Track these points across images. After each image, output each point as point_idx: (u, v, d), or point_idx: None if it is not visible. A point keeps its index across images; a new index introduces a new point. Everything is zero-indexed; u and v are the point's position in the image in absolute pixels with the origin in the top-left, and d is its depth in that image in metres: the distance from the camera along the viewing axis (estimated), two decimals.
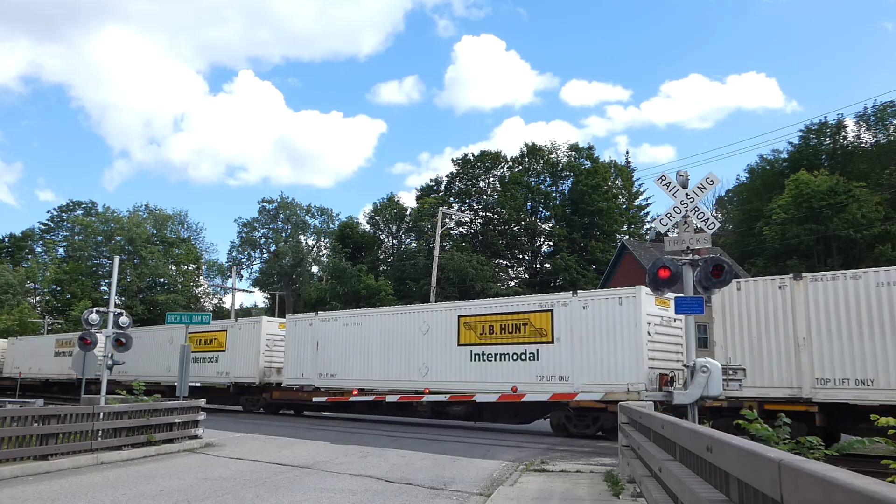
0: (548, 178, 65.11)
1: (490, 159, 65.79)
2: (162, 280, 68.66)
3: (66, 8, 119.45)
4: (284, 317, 27.86)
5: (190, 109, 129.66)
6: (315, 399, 22.94)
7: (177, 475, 10.19)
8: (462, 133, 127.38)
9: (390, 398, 20.61)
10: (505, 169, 65.68)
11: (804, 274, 13.94)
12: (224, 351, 27.79)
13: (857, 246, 44.08)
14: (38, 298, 69.55)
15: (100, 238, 69.18)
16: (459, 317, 19.54)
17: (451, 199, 65.92)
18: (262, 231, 75.57)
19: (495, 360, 18.53)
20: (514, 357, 18.12)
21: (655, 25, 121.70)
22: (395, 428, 19.82)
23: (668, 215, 10.17)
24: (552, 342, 17.45)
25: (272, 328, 26.96)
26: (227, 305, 68.77)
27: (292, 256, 72.53)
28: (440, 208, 45.39)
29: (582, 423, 17.30)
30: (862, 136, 54.31)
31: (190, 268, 73.06)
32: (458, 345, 19.32)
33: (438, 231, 40.19)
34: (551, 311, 17.65)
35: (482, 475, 10.28)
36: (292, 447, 14.08)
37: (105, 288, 64.46)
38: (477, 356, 18.89)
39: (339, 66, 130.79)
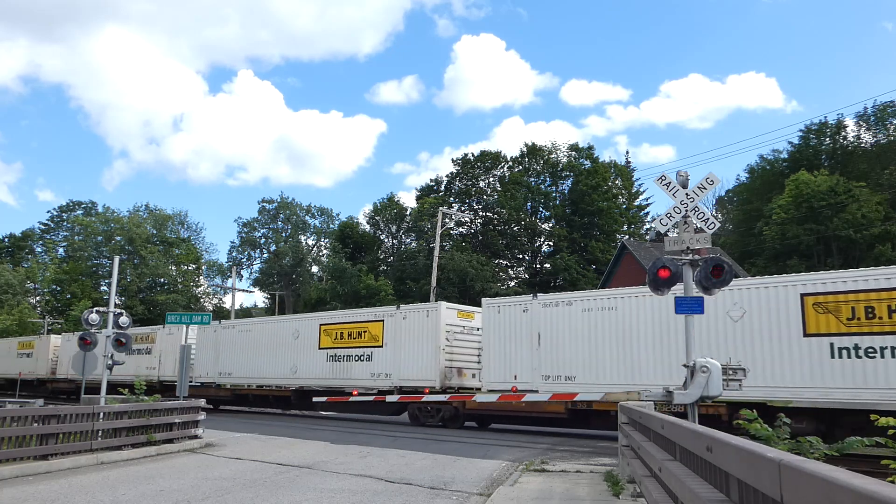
0: (548, 178, 65.13)
1: (490, 159, 65.81)
2: (162, 280, 68.65)
3: (66, 8, 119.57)
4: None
5: (189, 109, 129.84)
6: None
7: (177, 475, 10.19)
8: (462, 133, 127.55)
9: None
10: (505, 169, 65.70)
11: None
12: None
13: (857, 246, 44.09)
14: (38, 298, 69.54)
15: (100, 238, 69.18)
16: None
17: (451, 199, 65.93)
18: (262, 231, 75.67)
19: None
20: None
21: (655, 25, 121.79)
22: (395, 428, 19.82)
23: (668, 215, 10.17)
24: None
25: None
26: (228, 305, 68.81)
27: (292, 256, 72.53)
28: (440, 208, 45.40)
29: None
30: (862, 136, 54.36)
31: (190, 268, 73.07)
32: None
33: (438, 231, 40.19)
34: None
35: (482, 475, 10.28)
36: (292, 447, 14.08)
37: (105, 288, 64.46)
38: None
39: (338, 66, 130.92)
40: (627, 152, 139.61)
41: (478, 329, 20.22)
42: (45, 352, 37.44)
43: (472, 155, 66.80)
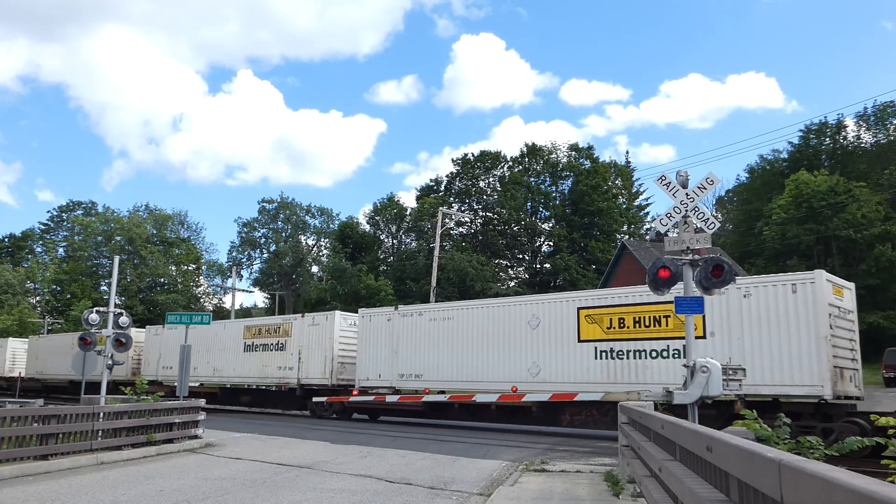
0: (548, 178, 65.15)
1: (490, 159, 65.82)
2: (162, 280, 68.67)
3: (65, 8, 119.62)
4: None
5: (189, 109, 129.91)
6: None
7: (177, 475, 10.19)
8: (461, 133, 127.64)
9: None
10: (505, 169, 65.72)
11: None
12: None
13: (857, 246, 44.10)
14: (38, 298, 69.56)
15: (100, 238, 69.20)
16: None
17: (451, 199, 65.95)
18: (262, 231, 75.65)
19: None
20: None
21: (655, 25, 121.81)
22: (394, 428, 19.82)
23: (668, 215, 10.17)
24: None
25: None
26: (228, 305, 68.82)
27: (292, 256, 72.52)
28: (440, 208, 45.40)
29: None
30: (862, 136, 54.41)
31: (190, 268, 73.09)
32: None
33: (438, 231, 40.20)
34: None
35: (482, 475, 10.28)
36: (292, 447, 14.08)
37: (105, 288, 64.47)
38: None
39: (338, 66, 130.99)
40: (627, 152, 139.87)
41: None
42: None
43: (472, 155, 66.93)
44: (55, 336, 41.83)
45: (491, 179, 65.58)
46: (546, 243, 63.81)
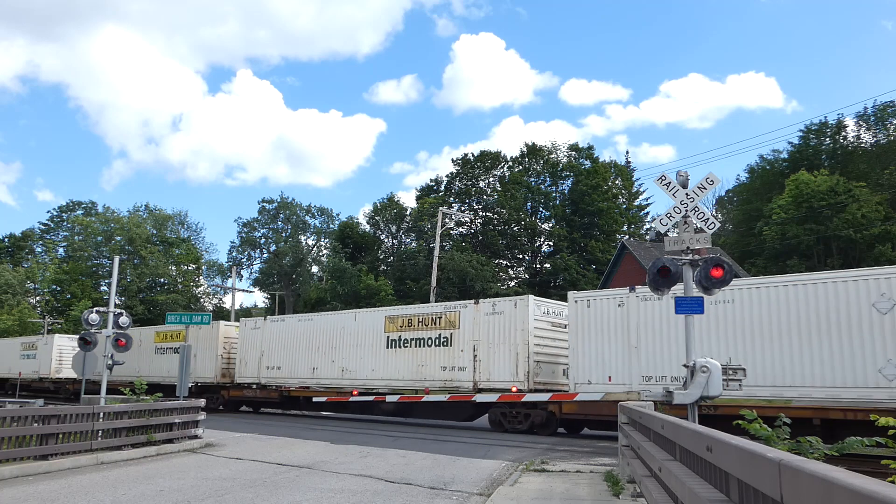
0: (548, 178, 65.14)
1: (490, 159, 65.81)
2: (162, 280, 68.70)
3: (64, 7, 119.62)
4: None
5: (188, 109, 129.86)
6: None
7: (177, 475, 10.19)
8: (461, 133, 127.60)
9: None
10: (505, 169, 65.71)
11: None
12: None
13: (857, 246, 44.09)
14: (38, 298, 69.56)
15: (100, 238, 69.21)
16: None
17: (451, 199, 65.93)
18: (262, 231, 75.61)
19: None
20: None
21: (655, 24, 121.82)
22: (395, 428, 19.83)
23: (668, 215, 10.17)
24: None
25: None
26: (227, 305, 68.83)
27: (292, 256, 72.52)
28: (440, 208, 45.39)
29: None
30: (862, 136, 54.39)
31: (190, 268, 73.10)
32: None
33: (438, 231, 40.18)
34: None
35: (482, 475, 10.28)
36: (292, 447, 14.08)
37: (105, 288, 64.49)
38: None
39: (337, 66, 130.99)
40: (627, 152, 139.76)
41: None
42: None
43: (472, 155, 66.88)
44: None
45: (491, 179, 65.58)
46: (546, 243, 63.81)
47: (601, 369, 16.64)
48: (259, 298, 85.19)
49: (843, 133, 54.48)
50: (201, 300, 72.47)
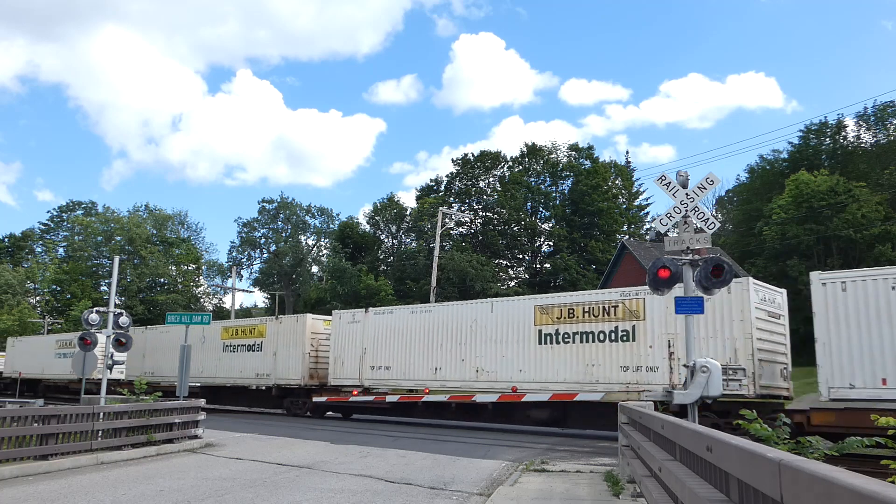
0: (548, 178, 65.16)
1: (490, 159, 65.83)
2: (162, 280, 68.72)
3: (64, 7, 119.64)
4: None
5: (188, 109, 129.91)
6: None
7: (177, 475, 10.19)
8: (461, 133, 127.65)
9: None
10: (505, 169, 65.73)
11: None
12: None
13: (857, 246, 44.08)
14: (38, 298, 69.57)
15: (100, 238, 69.23)
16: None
17: (451, 199, 65.94)
18: (262, 231, 75.64)
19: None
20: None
21: (655, 24, 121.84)
22: (395, 428, 19.82)
23: (668, 215, 10.17)
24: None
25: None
26: (227, 305, 68.84)
27: (292, 256, 72.53)
28: (440, 208, 45.39)
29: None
30: (862, 136, 54.38)
31: (190, 268, 73.11)
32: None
33: (438, 231, 40.19)
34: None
35: (482, 475, 10.28)
36: (292, 447, 14.08)
37: (105, 288, 64.50)
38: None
39: (337, 66, 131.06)
40: (627, 152, 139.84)
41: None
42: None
43: (472, 155, 66.91)
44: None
45: (491, 179, 65.60)
46: (546, 243, 63.83)
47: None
48: (259, 298, 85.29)
49: (843, 133, 54.48)
50: (201, 300, 72.49)
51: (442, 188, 67.61)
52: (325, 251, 75.10)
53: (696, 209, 9.93)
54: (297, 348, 24.23)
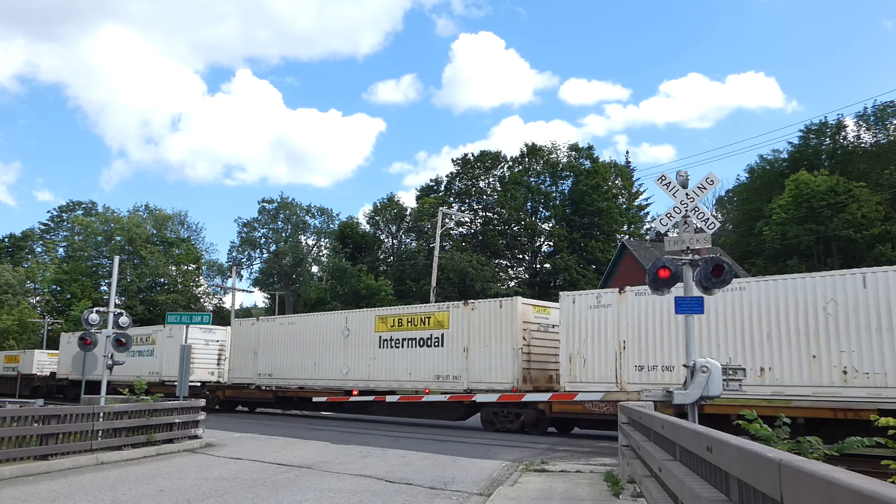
0: (548, 178, 65.16)
1: (490, 159, 65.83)
2: (162, 280, 68.72)
3: (63, 7, 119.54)
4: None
5: (188, 109, 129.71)
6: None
7: (177, 475, 10.19)
8: (460, 132, 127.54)
9: None
10: (505, 169, 65.73)
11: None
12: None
13: (857, 246, 44.09)
14: (38, 298, 69.59)
15: (100, 238, 69.24)
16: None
17: (451, 199, 65.94)
18: (262, 231, 75.65)
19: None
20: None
21: (654, 24, 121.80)
22: (395, 428, 19.82)
23: (668, 215, 10.17)
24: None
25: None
26: (227, 305, 68.83)
27: (292, 256, 72.54)
28: (440, 208, 45.38)
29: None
30: (862, 136, 54.38)
31: (190, 268, 73.11)
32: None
33: (438, 231, 40.18)
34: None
35: (482, 475, 10.28)
36: (292, 447, 14.08)
37: (105, 288, 64.50)
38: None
39: (337, 66, 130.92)
40: (627, 152, 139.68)
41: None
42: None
43: (472, 155, 66.90)
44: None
45: (491, 179, 65.59)
46: (546, 243, 63.82)
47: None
48: (259, 298, 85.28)
49: (843, 133, 54.48)
50: (201, 300, 72.48)
51: (442, 188, 67.62)
52: (325, 251, 75.16)
53: (696, 209, 9.93)
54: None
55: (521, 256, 65.73)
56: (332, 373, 23.38)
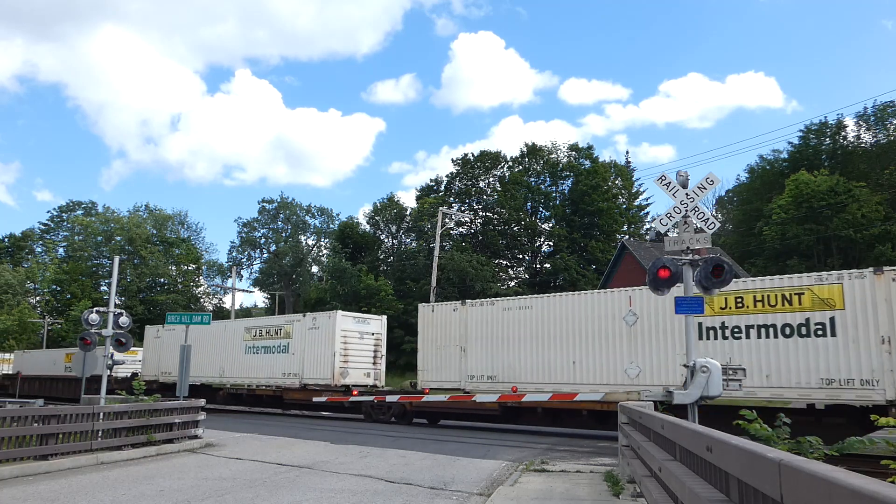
0: (548, 178, 65.14)
1: (490, 159, 65.81)
2: (162, 280, 68.72)
3: (63, 7, 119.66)
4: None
5: (187, 109, 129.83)
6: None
7: (177, 475, 10.19)
8: (460, 132, 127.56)
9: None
10: (505, 169, 65.71)
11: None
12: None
13: (857, 246, 44.10)
14: (38, 298, 69.57)
15: (100, 238, 69.24)
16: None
17: (451, 199, 65.92)
18: (262, 231, 75.64)
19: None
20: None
21: (654, 24, 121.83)
22: (394, 428, 19.82)
23: (668, 215, 10.17)
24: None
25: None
26: (227, 305, 68.84)
27: (292, 256, 72.52)
28: (440, 208, 45.37)
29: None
30: (862, 136, 54.40)
31: (190, 268, 73.10)
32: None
33: (438, 231, 40.18)
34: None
35: (482, 475, 10.28)
36: (292, 447, 14.08)
37: (105, 288, 64.49)
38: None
39: (336, 65, 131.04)
40: (627, 152, 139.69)
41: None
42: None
43: (472, 155, 66.87)
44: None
45: (491, 179, 65.57)
46: (546, 243, 63.80)
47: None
48: (259, 298, 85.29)
49: (843, 133, 54.50)
50: (201, 300, 72.47)
51: (442, 188, 67.60)
52: (325, 251, 75.14)
53: (696, 209, 9.93)
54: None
55: (521, 256, 65.72)
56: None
